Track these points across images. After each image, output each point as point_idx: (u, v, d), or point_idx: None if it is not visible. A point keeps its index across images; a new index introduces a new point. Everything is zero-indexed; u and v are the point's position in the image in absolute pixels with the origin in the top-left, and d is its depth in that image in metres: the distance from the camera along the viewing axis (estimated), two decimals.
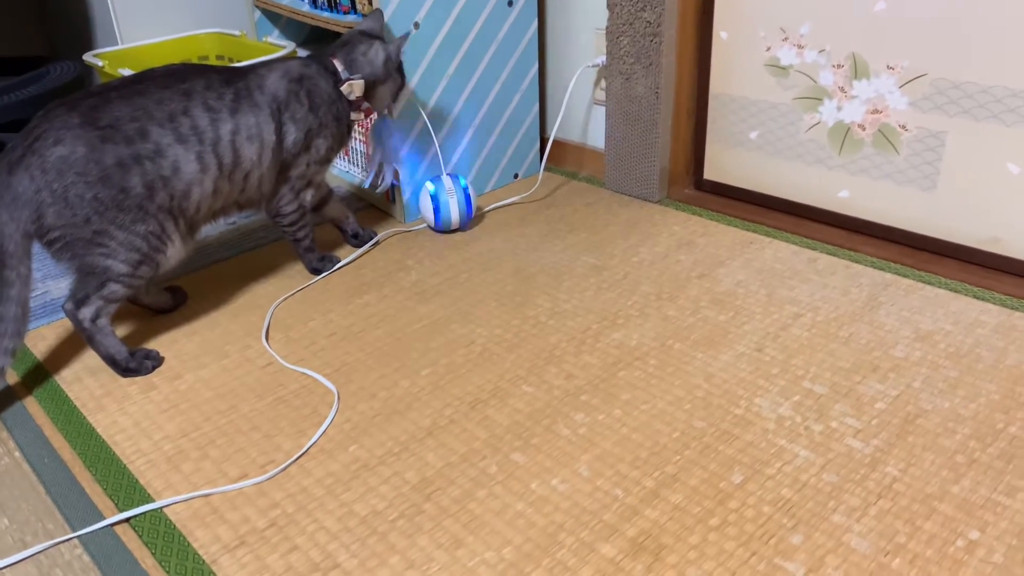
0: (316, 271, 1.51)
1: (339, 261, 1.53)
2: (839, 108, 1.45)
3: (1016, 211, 1.31)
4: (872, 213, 1.47)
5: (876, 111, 1.41)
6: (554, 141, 1.91)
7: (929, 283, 1.34)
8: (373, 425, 1.09)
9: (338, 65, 1.40)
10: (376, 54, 1.42)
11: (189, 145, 1.24)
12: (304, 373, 1.22)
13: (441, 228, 1.62)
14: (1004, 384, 1.10)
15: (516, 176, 1.87)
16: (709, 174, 1.71)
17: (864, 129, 1.43)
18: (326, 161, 1.44)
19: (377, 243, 1.60)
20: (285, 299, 1.42)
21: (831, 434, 1.03)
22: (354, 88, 1.40)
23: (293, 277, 1.50)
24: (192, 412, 1.14)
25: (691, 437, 1.03)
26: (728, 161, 1.66)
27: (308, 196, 1.44)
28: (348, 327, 1.33)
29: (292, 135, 1.35)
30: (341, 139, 1.45)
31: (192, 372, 1.23)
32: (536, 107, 1.84)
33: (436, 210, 1.58)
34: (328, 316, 1.37)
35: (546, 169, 1.93)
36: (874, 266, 1.41)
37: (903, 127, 1.38)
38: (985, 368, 1.13)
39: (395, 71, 1.45)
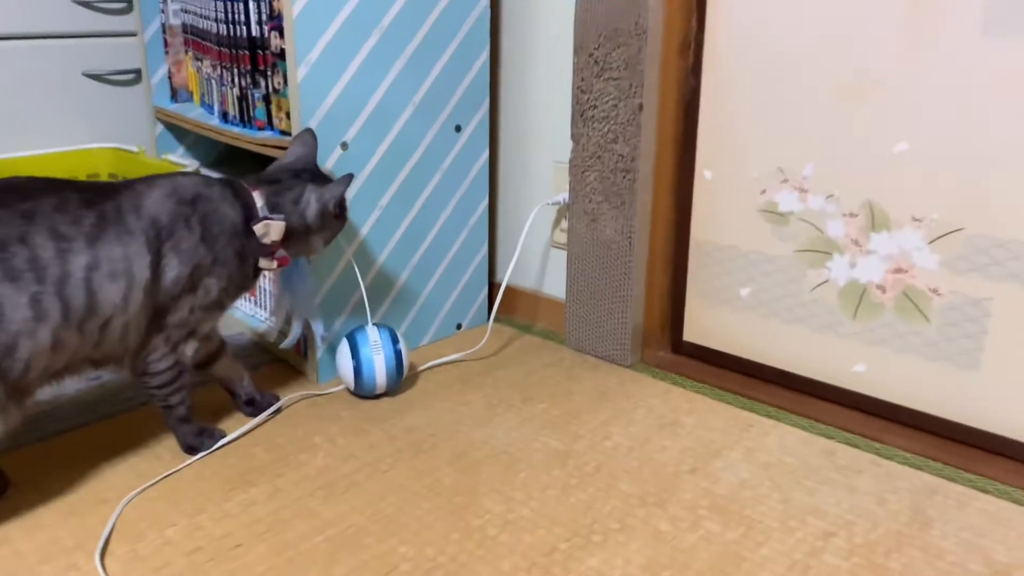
0: (191, 449, 1.14)
1: (222, 436, 1.17)
2: (852, 265, 1.21)
3: None
4: (897, 394, 1.20)
5: (899, 270, 1.16)
6: (506, 287, 1.63)
7: (985, 491, 1.06)
8: None
9: (257, 199, 1.12)
10: (308, 205, 1.15)
11: (21, 284, 0.90)
12: None
13: (363, 392, 1.29)
14: None
15: (459, 327, 1.57)
16: (690, 335, 1.43)
17: (884, 291, 1.18)
18: (218, 307, 1.11)
19: (279, 410, 1.25)
20: (142, 491, 1.05)
21: None
22: (271, 230, 1.11)
23: (160, 457, 1.13)
24: None
25: None
26: (713, 321, 1.39)
27: (188, 350, 1.10)
28: (220, 540, 0.96)
29: (174, 271, 1.02)
30: (242, 282, 1.13)
31: None
32: (485, 247, 1.56)
33: (357, 370, 1.25)
34: (196, 519, 0.99)
35: (496, 320, 1.63)
36: (908, 464, 1.12)
37: (934, 291, 1.14)
38: None
39: (332, 219, 1.18)
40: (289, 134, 1.32)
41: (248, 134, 1.39)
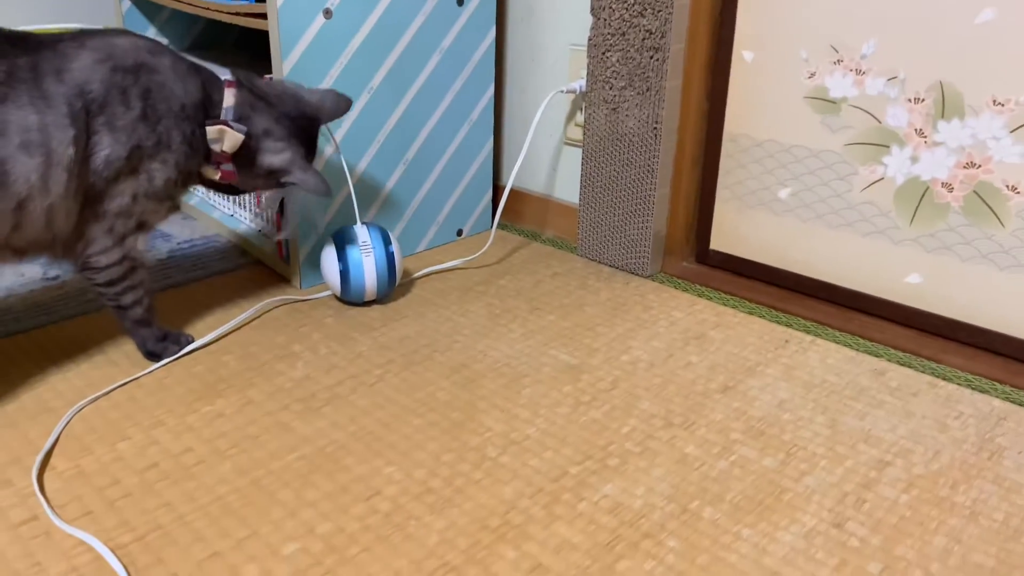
0: (152, 356, 1.01)
1: (190, 341, 1.03)
2: (914, 159, 1.04)
3: None
4: (958, 309, 1.05)
5: (972, 164, 1.00)
6: (512, 190, 1.47)
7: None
8: None
9: (228, 98, 0.96)
10: (275, 154, 0.99)
11: None
12: (84, 541, 0.71)
13: (351, 298, 1.14)
14: None
15: (460, 233, 1.42)
16: (718, 243, 1.28)
17: (952, 190, 1.02)
18: (167, 198, 0.95)
19: (190, 353, 1.04)
20: (94, 400, 0.92)
21: None
22: (225, 138, 0.95)
23: (118, 364, 1.00)
24: None
25: None
26: (746, 227, 1.23)
27: (139, 243, 0.95)
28: (178, 456, 0.83)
29: (105, 150, 0.86)
30: (189, 175, 0.97)
31: None
32: (490, 144, 1.39)
33: (344, 274, 1.11)
34: (152, 433, 0.86)
35: (499, 226, 1.48)
36: (971, 386, 0.98)
37: (1013, 188, 0.98)
38: None
39: (276, 182, 1.02)
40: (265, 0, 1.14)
41: (219, 2, 1.21)
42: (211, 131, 0.94)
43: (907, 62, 1.02)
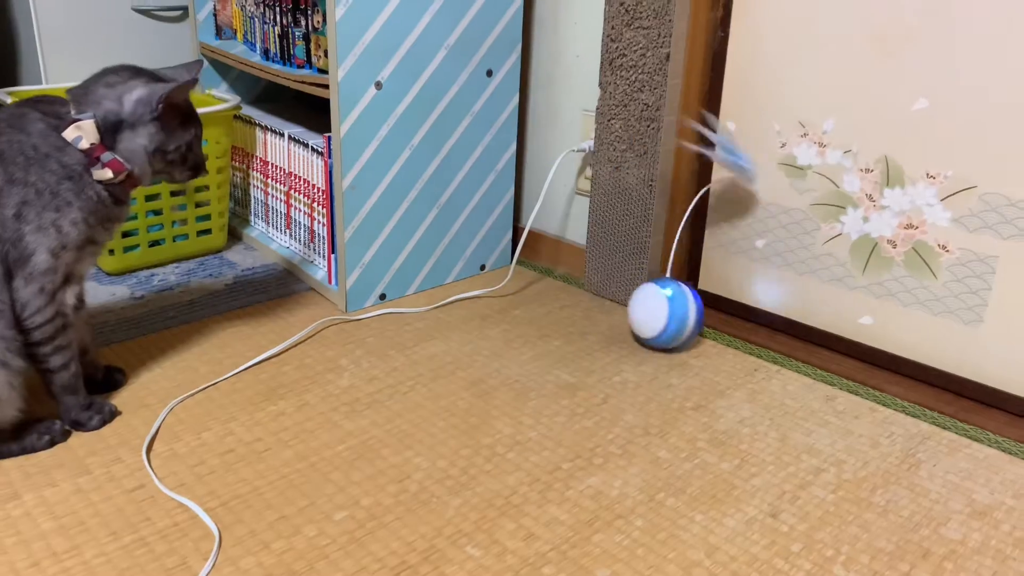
0: (76, 425, 1.05)
1: (114, 416, 1.08)
2: (865, 219, 1.24)
3: None
4: (901, 346, 1.24)
5: (911, 226, 1.19)
6: (529, 231, 1.68)
7: (976, 439, 1.10)
8: None
9: (72, 107, 0.97)
10: (128, 88, 0.98)
11: None
12: (182, 504, 0.92)
13: (662, 343, 1.32)
14: None
15: (483, 268, 1.63)
16: (705, 284, 1.48)
17: (895, 246, 1.21)
18: (87, 243, 0.99)
19: (118, 385, 1.16)
20: (184, 399, 1.14)
21: None
22: (83, 131, 0.95)
23: (197, 370, 1.21)
24: (16, 551, 0.84)
25: None
26: (728, 271, 1.43)
27: (68, 298, 1.00)
28: (250, 444, 1.04)
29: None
30: (97, 206, 0.98)
31: (35, 491, 0.93)
32: (511, 191, 1.61)
33: (671, 318, 1.28)
34: (228, 426, 1.08)
35: (518, 263, 1.69)
36: (905, 411, 1.16)
37: (943, 247, 1.17)
38: None
39: (163, 119, 0.99)
40: (326, 72, 1.37)
41: (287, 71, 1.45)
42: (67, 134, 0.95)
43: (859, 138, 1.22)
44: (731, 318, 1.43)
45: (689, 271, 1.49)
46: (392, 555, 0.86)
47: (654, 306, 1.28)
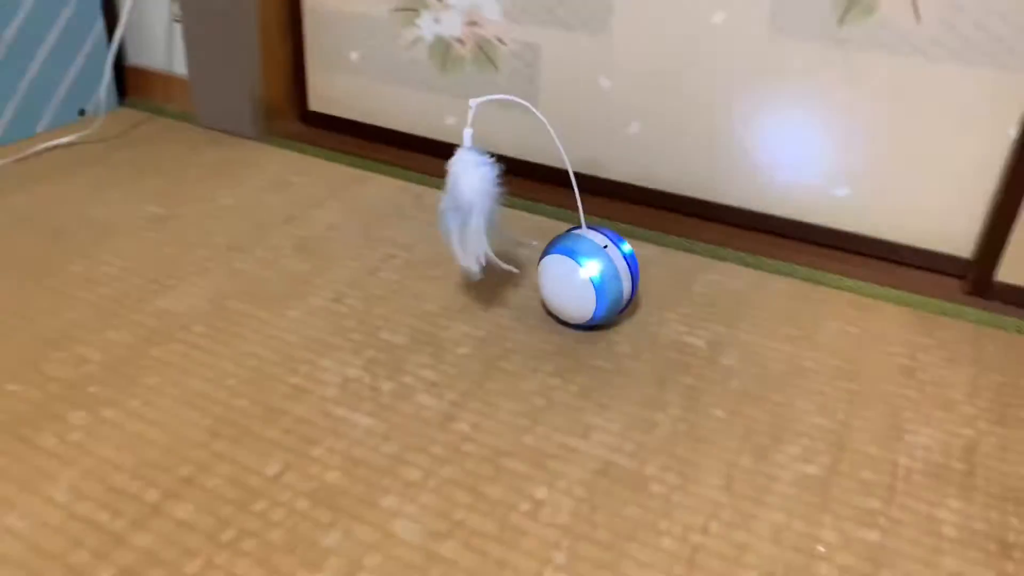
0: None
1: None
2: (437, 20, 1.29)
3: (608, 129, 1.23)
4: (479, 140, 1.33)
5: (473, 23, 1.26)
6: (132, 68, 1.56)
7: (536, 212, 1.24)
8: None
9: None
10: None
11: None
12: None
13: (598, 319, 0.95)
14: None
15: (83, 112, 1.50)
16: (315, 105, 1.48)
17: (464, 44, 1.28)
18: None
19: None
20: None
21: (401, 393, 0.86)
22: None
23: None
24: None
25: (226, 423, 0.81)
26: (333, 88, 1.44)
27: None
28: None
29: None
30: None
31: None
32: (100, 24, 1.47)
33: (600, 293, 0.92)
34: None
35: (127, 104, 1.58)
36: None
37: (500, 40, 1.25)
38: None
39: None
40: None
41: None
42: None
43: None
44: (343, 136, 1.46)
45: (297, 93, 1.48)
46: None
47: (577, 292, 0.93)
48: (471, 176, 0.93)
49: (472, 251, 0.93)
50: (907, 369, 0.92)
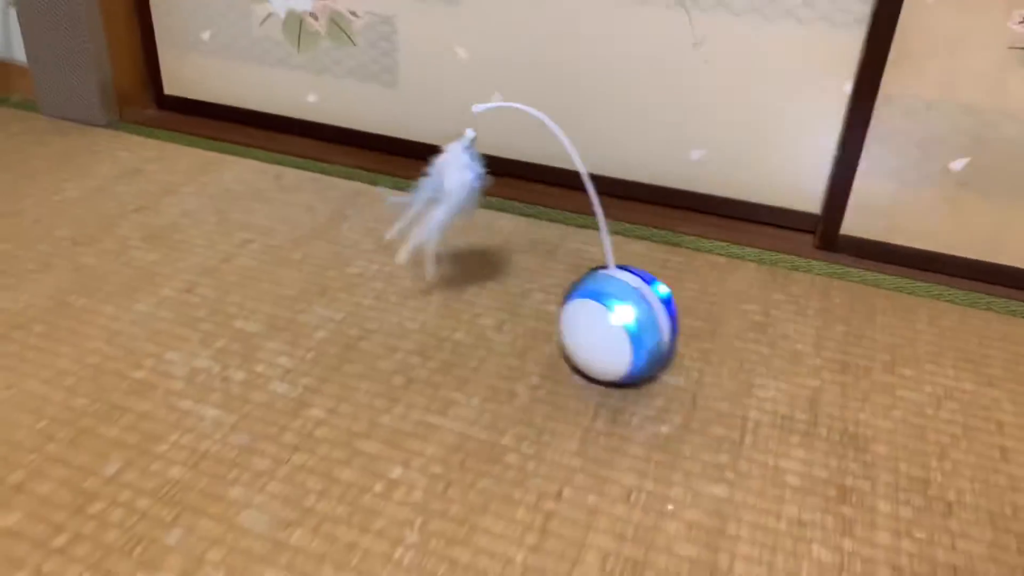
0: None
1: None
2: None
3: (467, 101, 1.22)
4: (341, 118, 1.30)
5: None
6: None
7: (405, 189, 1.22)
8: None
9: None
10: None
11: None
12: None
13: (636, 374, 0.82)
14: (451, 288, 1.00)
15: None
16: (171, 88, 1.41)
17: (317, 19, 1.24)
18: None
19: None
20: None
21: (254, 382, 0.83)
22: None
23: None
24: None
25: (62, 423, 0.76)
26: (187, 71, 1.38)
27: None
28: None
29: None
30: None
31: None
32: None
33: (637, 346, 0.79)
34: None
35: None
36: (345, 176, 1.24)
37: (353, 13, 1.22)
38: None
39: None
40: None
41: None
42: None
43: None
44: (199, 119, 1.40)
45: (151, 77, 1.41)
46: None
47: (609, 344, 0.80)
48: (459, 173, 0.90)
49: (418, 236, 0.90)
50: (759, 325, 0.96)
